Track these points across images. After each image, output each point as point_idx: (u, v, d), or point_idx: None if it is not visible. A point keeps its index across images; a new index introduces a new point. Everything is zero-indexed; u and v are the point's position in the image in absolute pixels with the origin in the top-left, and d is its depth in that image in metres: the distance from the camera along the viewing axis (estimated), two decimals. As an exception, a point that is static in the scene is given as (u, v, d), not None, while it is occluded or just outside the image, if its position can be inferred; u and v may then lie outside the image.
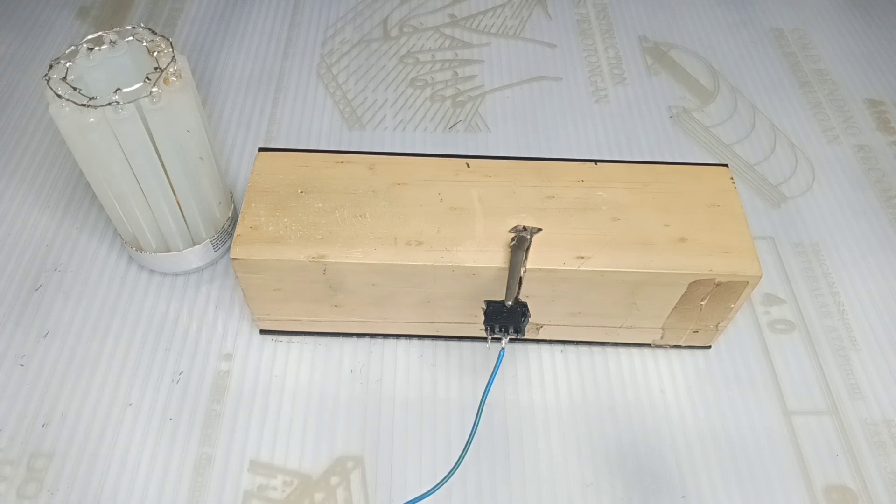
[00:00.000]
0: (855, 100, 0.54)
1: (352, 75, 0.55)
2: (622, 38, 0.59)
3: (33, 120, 0.51)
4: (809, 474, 0.36)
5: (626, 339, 0.39)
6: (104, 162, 0.35)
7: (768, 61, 0.57)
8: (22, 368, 0.39)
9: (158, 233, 0.39)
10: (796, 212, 0.47)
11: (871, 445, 0.37)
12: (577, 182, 0.37)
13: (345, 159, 0.38)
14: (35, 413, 0.37)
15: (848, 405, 0.38)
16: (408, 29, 0.59)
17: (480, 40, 0.58)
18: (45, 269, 0.43)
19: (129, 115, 0.33)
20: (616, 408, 0.38)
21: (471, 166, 0.38)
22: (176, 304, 0.42)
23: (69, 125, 0.33)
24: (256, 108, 0.53)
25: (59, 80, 0.33)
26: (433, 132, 0.51)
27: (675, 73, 0.56)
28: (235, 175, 0.48)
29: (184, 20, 0.59)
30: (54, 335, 0.40)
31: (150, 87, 0.33)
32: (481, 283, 0.35)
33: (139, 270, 0.43)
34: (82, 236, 0.45)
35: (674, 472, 0.36)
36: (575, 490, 0.35)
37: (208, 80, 0.54)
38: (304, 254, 0.34)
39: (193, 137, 0.36)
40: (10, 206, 0.46)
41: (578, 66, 0.56)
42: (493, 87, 0.55)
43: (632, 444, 0.37)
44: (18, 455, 0.36)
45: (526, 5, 0.61)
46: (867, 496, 0.35)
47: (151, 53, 0.35)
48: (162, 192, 0.37)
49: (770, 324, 0.42)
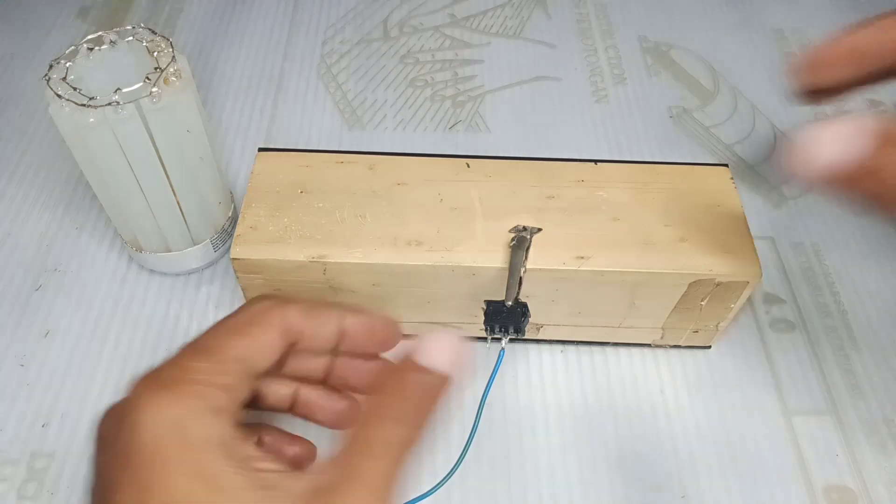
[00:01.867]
0: (855, 101, 0.54)
1: (352, 75, 0.55)
2: (622, 37, 0.59)
3: (33, 120, 0.52)
4: (809, 474, 0.36)
5: (626, 339, 0.39)
6: (104, 162, 0.35)
7: (769, 61, 0.57)
8: (22, 368, 0.39)
9: (158, 233, 0.39)
10: (796, 212, 0.47)
11: (872, 445, 0.37)
12: (577, 182, 0.37)
13: (345, 159, 0.38)
14: (35, 413, 0.37)
15: (848, 405, 0.38)
16: (408, 29, 0.59)
17: (480, 40, 0.58)
18: (46, 270, 0.43)
19: (130, 115, 0.33)
20: (616, 407, 0.38)
21: (471, 166, 0.38)
22: (176, 305, 0.42)
23: (69, 125, 0.33)
24: (256, 107, 0.53)
25: (58, 79, 0.33)
26: (433, 132, 0.51)
27: (676, 73, 0.56)
28: (235, 175, 0.48)
29: (184, 20, 0.59)
30: (54, 335, 0.40)
31: (150, 87, 0.33)
32: (481, 283, 0.35)
33: (139, 270, 0.43)
34: (82, 236, 0.45)
35: (673, 471, 0.36)
36: (575, 490, 0.35)
37: (208, 80, 0.55)
38: (304, 254, 0.34)
39: (193, 137, 0.36)
40: (11, 207, 0.46)
41: (578, 66, 0.56)
42: (493, 88, 0.55)
43: (632, 444, 0.37)
44: (18, 455, 0.36)
45: (526, 5, 0.62)
46: (867, 496, 0.35)
47: (151, 53, 0.35)
48: (162, 192, 0.37)
49: (770, 323, 0.42)
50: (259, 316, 0.26)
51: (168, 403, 0.22)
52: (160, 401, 0.22)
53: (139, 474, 0.22)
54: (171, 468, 0.21)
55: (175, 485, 0.21)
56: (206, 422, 0.23)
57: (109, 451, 0.23)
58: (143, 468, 0.22)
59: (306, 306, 0.28)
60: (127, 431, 0.22)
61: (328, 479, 0.22)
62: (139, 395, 0.23)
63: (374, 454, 0.23)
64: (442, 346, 0.26)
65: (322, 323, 0.28)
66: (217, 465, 0.22)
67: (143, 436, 0.22)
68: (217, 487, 0.21)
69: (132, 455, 0.22)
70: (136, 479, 0.22)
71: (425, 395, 0.25)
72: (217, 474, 0.22)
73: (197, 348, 0.25)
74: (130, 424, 0.22)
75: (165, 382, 0.23)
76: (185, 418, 0.22)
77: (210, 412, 0.23)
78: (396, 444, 0.23)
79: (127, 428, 0.22)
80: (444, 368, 0.25)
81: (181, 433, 0.22)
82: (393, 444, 0.23)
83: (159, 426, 0.22)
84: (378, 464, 0.23)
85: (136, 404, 0.23)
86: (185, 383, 0.23)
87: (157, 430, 0.22)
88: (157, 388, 0.23)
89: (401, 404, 0.24)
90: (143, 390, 0.23)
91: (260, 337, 0.26)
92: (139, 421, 0.22)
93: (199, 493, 0.21)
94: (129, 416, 0.22)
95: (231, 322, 0.26)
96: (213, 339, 0.26)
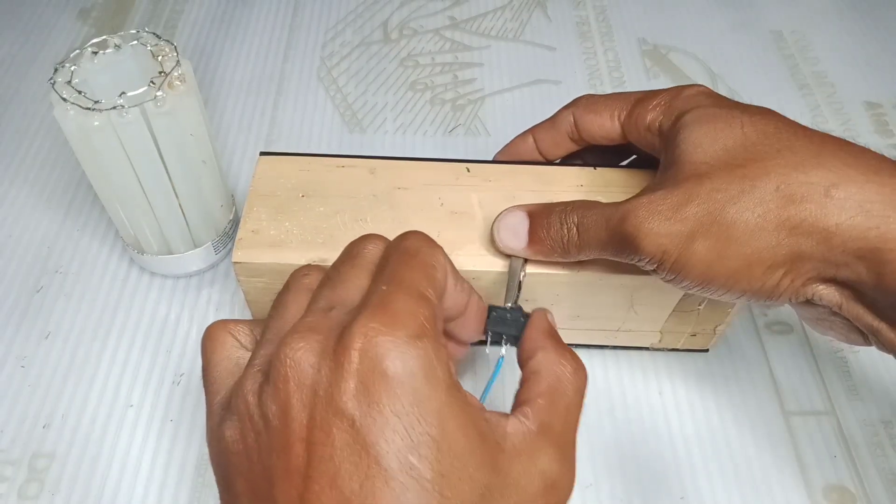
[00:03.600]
0: (854, 102, 0.54)
1: (352, 78, 0.55)
2: (621, 40, 0.59)
3: (35, 122, 0.52)
4: (808, 475, 0.36)
5: (625, 342, 0.40)
6: (107, 164, 0.35)
7: (767, 63, 0.57)
8: (23, 370, 0.39)
9: (160, 235, 0.40)
10: (794, 215, 0.47)
11: (870, 446, 0.37)
12: (576, 187, 0.37)
13: (346, 163, 0.38)
14: (36, 414, 0.38)
15: (846, 406, 0.39)
16: (408, 32, 0.59)
17: (480, 43, 0.58)
18: (47, 271, 0.43)
19: (134, 118, 0.33)
20: (615, 410, 0.38)
21: (471, 171, 0.38)
22: (177, 307, 0.42)
23: (74, 128, 0.33)
24: (257, 110, 0.53)
25: (63, 83, 0.33)
26: (433, 135, 0.52)
27: (675, 75, 0.56)
28: (236, 177, 0.48)
29: (184, 22, 0.59)
30: (55, 337, 0.40)
31: (154, 91, 0.33)
32: (481, 287, 0.35)
33: (140, 273, 0.43)
34: (84, 238, 0.45)
35: (673, 473, 0.36)
36: (575, 491, 0.35)
37: (209, 83, 0.55)
38: (305, 257, 0.34)
39: (196, 141, 0.36)
40: (12, 208, 0.47)
41: (578, 68, 0.57)
42: (493, 91, 0.55)
43: (631, 446, 0.37)
44: (20, 456, 0.36)
45: (526, 8, 0.62)
46: (866, 497, 0.36)
47: (156, 57, 0.35)
48: (164, 195, 0.37)
49: (767, 325, 0.42)
50: (431, 256, 0.26)
51: (418, 353, 0.22)
52: (413, 350, 0.22)
53: (407, 416, 0.21)
54: (434, 413, 0.22)
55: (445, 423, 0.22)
56: (447, 367, 0.23)
57: (353, 380, 0.22)
58: (410, 412, 0.21)
59: (454, 268, 0.27)
60: (382, 376, 0.21)
61: (530, 428, 0.25)
62: (390, 348, 0.22)
63: (565, 401, 0.27)
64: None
65: (462, 290, 0.28)
66: (471, 411, 0.23)
67: (403, 382, 0.21)
68: (478, 430, 0.23)
69: (397, 402, 0.21)
70: (406, 416, 0.21)
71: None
72: (474, 420, 0.23)
73: (411, 290, 0.24)
74: (383, 372, 0.22)
75: (411, 333, 0.22)
76: (434, 365, 0.22)
77: (445, 357, 0.23)
78: (575, 410, 0.27)
79: (380, 373, 0.21)
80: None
81: (435, 379, 0.22)
82: (571, 411, 0.27)
83: (420, 374, 0.22)
84: (562, 424, 0.26)
85: (386, 350, 0.22)
86: (426, 332, 0.23)
87: (420, 377, 0.22)
88: (405, 339, 0.22)
89: (568, 390, 0.27)
90: (391, 344, 0.22)
91: (440, 281, 0.26)
92: (396, 365, 0.21)
93: (469, 429, 0.22)
94: (380, 363, 0.22)
95: (413, 259, 0.25)
96: (412, 279, 0.24)
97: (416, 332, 0.22)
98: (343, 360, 0.22)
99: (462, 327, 0.30)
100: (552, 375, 0.27)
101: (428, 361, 0.22)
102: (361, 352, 0.22)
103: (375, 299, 0.23)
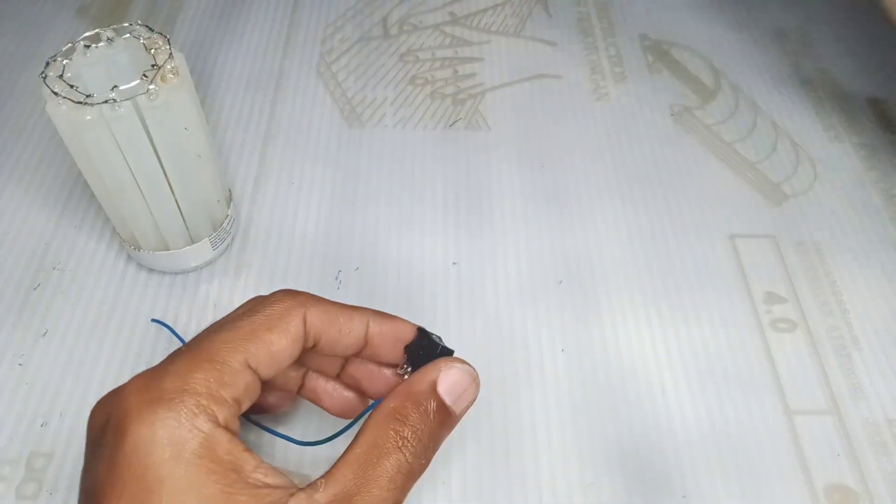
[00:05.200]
0: (857, 98, 0.54)
1: (351, 73, 0.55)
2: (623, 36, 0.59)
3: (31, 118, 0.51)
4: (810, 474, 0.36)
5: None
6: (101, 160, 0.34)
7: (770, 59, 0.57)
8: (20, 367, 0.39)
9: (157, 231, 0.39)
10: (798, 210, 0.47)
11: (873, 445, 0.37)
12: None
13: None
14: (34, 412, 0.37)
15: (849, 405, 0.38)
16: (408, 27, 0.59)
17: (480, 38, 0.58)
18: (44, 268, 0.43)
19: (127, 112, 0.33)
20: (617, 407, 0.38)
21: None
22: (175, 303, 0.42)
23: (66, 123, 0.33)
24: (256, 105, 0.53)
25: (55, 77, 0.33)
26: (433, 130, 0.51)
27: (677, 71, 0.56)
28: (234, 172, 0.48)
29: (183, 18, 0.59)
30: (53, 334, 0.40)
31: (147, 84, 0.33)
32: None
33: (138, 269, 0.43)
34: (81, 235, 0.45)
35: (674, 471, 0.36)
36: (575, 490, 0.35)
37: (208, 79, 0.54)
38: None
39: (191, 135, 0.36)
40: (9, 205, 0.46)
41: (579, 63, 0.56)
42: (494, 85, 0.54)
43: (632, 444, 0.37)
44: (17, 455, 0.36)
45: (526, 3, 0.61)
46: (869, 496, 0.35)
47: (149, 51, 0.34)
48: (160, 190, 0.37)
49: (772, 322, 0.41)
50: (277, 320, 0.24)
51: (164, 420, 0.21)
52: (156, 417, 0.21)
53: (130, 488, 0.20)
54: (165, 488, 0.20)
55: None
56: (205, 439, 0.21)
57: (99, 452, 0.22)
58: (135, 483, 0.20)
59: (331, 310, 0.25)
60: (119, 438, 0.21)
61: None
62: (133, 407, 0.21)
63: (381, 485, 0.22)
64: (463, 385, 0.25)
65: (345, 331, 0.26)
66: (215, 487, 0.20)
67: (136, 450, 0.20)
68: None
69: (123, 466, 0.20)
70: (126, 493, 0.20)
71: (441, 431, 0.24)
72: (214, 496, 0.20)
73: (200, 354, 0.23)
74: (122, 433, 0.21)
75: (163, 396, 0.21)
76: (181, 437, 0.21)
77: (209, 427, 0.21)
78: (405, 476, 0.23)
79: (119, 435, 0.21)
80: (460, 409, 0.25)
81: (177, 452, 0.20)
82: (402, 476, 0.23)
83: (154, 444, 0.20)
84: (386, 496, 0.22)
85: (129, 415, 0.21)
86: (186, 396, 0.21)
87: (150, 447, 0.20)
88: (153, 402, 0.21)
89: (417, 437, 0.23)
90: (137, 402, 0.21)
91: (274, 343, 0.24)
92: (132, 434, 0.20)
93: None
94: (122, 423, 0.21)
95: (244, 323, 0.24)
96: (221, 343, 0.23)
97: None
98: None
99: (374, 354, 0.28)
100: (374, 438, 0.23)
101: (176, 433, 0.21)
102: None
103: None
